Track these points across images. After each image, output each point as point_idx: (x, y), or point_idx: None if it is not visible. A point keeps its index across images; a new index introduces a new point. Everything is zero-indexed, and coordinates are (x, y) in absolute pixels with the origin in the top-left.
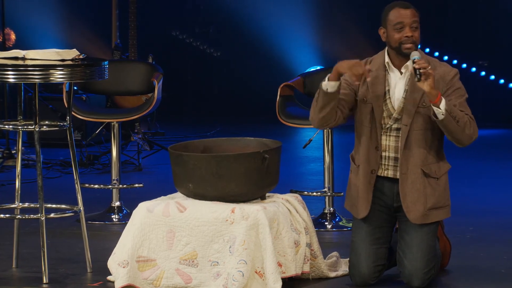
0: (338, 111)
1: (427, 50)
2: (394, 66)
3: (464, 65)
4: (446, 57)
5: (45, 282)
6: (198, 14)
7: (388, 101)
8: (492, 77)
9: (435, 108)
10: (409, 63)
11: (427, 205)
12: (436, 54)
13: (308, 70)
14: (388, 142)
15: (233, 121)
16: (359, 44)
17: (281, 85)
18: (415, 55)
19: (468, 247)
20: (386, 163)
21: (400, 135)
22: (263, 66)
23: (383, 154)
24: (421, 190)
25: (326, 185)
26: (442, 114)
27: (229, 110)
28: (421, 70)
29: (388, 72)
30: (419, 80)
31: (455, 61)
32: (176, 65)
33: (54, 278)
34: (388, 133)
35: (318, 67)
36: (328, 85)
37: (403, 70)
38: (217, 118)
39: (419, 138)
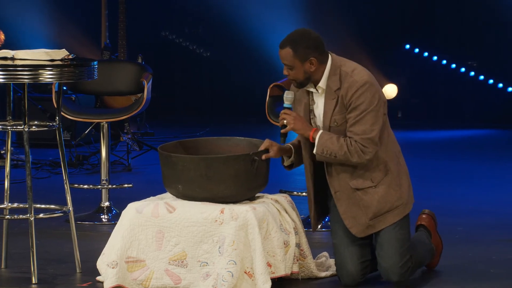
0: None
1: (416, 50)
2: (314, 85)
3: (453, 66)
4: (435, 58)
5: (34, 282)
6: (187, 14)
7: (313, 120)
8: (481, 77)
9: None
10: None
11: (368, 216)
12: (426, 54)
13: None
14: None
15: (223, 121)
16: (347, 45)
17: (271, 86)
18: (286, 101)
19: (457, 247)
20: None
21: None
22: (252, 66)
23: (325, 170)
24: (357, 204)
25: None
26: (315, 153)
27: (218, 110)
28: (281, 131)
29: (311, 92)
30: (283, 142)
31: (444, 61)
32: (166, 65)
33: (43, 278)
34: None
35: None
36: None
37: (319, 90)
38: (206, 118)
39: None
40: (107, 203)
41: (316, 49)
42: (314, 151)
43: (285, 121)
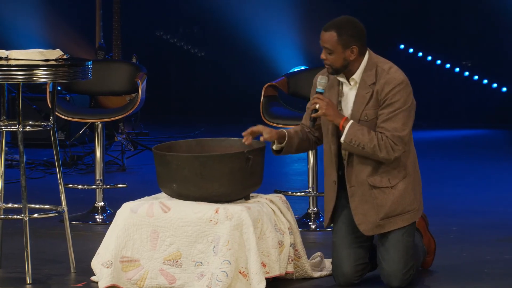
0: (313, 137)
1: (411, 50)
2: (346, 77)
3: (448, 65)
4: (429, 58)
5: (28, 282)
6: (182, 14)
7: (340, 112)
8: (476, 77)
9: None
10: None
11: (379, 216)
12: (420, 54)
13: (292, 70)
14: (345, 152)
15: (217, 122)
16: None
17: (265, 86)
18: (319, 85)
19: (451, 247)
20: None
21: None
22: (247, 66)
23: (344, 162)
24: (371, 201)
25: (310, 185)
26: (342, 142)
27: (213, 110)
28: (312, 115)
29: (342, 85)
30: (312, 125)
31: (438, 61)
32: (160, 65)
33: (38, 278)
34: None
35: (302, 67)
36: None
37: (351, 82)
38: (201, 118)
39: None
40: (101, 203)
41: (359, 39)
42: (342, 139)
43: (317, 106)
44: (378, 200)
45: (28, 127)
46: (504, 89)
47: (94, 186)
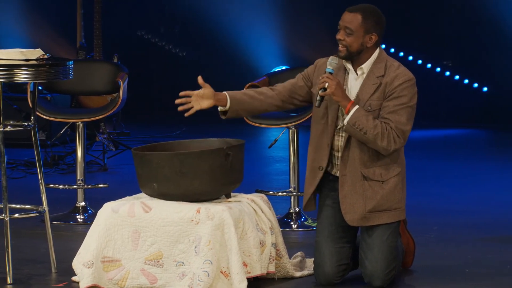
0: (281, 102)
1: (392, 50)
2: (353, 66)
3: (429, 65)
4: (411, 57)
5: (9, 282)
6: (163, 14)
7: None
8: (457, 77)
9: (346, 116)
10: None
11: (367, 208)
12: (401, 54)
13: (273, 70)
14: (339, 142)
15: (199, 121)
16: (323, 45)
17: (247, 85)
18: (329, 65)
19: (432, 247)
20: (337, 162)
21: (343, 135)
22: (228, 66)
23: (335, 153)
24: (361, 192)
25: (292, 185)
26: (345, 123)
27: None
28: (320, 93)
29: (348, 73)
30: (318, 105)
31: (419, 61)
32: (141, 65)
33: (18, 278)
34: (339, 133)
35: (283, 67)
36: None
37: (358, 72)
38: (182, 118)
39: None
40: (82, 203)
41: (380, 30)
42: (346, 121)
43: (326, 85)
44: (368, 192)
45: (9, 127)
46: (485, 89)
47: (75, 186)
